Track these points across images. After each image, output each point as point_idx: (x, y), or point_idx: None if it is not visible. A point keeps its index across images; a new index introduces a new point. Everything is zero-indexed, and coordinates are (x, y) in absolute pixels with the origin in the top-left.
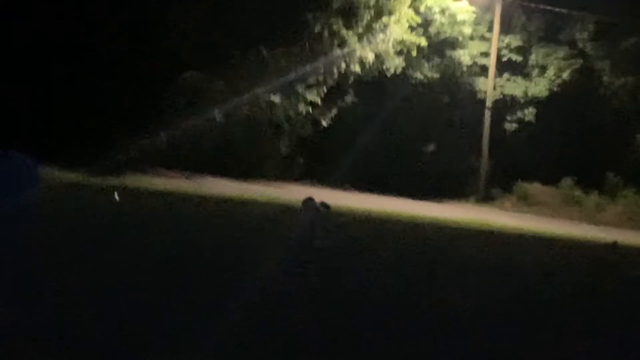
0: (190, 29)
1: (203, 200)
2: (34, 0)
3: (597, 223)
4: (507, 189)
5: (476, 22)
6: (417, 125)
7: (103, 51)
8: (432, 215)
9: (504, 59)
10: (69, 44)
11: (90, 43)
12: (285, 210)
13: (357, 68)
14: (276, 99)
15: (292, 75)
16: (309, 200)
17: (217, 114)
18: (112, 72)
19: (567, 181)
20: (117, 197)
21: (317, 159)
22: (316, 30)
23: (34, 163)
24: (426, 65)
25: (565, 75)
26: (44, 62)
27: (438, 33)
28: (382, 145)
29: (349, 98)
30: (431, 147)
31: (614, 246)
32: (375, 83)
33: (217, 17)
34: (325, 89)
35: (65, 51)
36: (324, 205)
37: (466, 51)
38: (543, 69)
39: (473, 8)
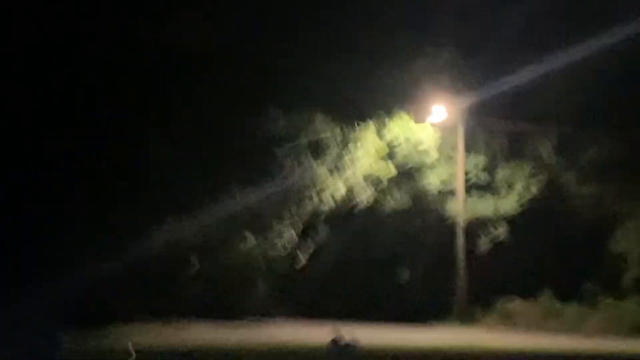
0: (163, 173)
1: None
2: None
3: (580, 333)
4: (486, 308)
5: (441, 144)
6: (390, 249)
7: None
8: (434, 343)
9: (471, 177)
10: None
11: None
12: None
13: (329, 199)
14: (252, 238)
15: (266, 213)
16: (337, 338)
17: (193, 260)
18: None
19: (546, 293)
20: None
21: (296, 295)
22: (287, 167)
23: (59, 330)
24: (395, 192)
25: (533, 188)
26: None
27: (404, 158)
28: (358, 273)
29: (323, 231)
30: (406, 271)
31: None
32: (346, 212)
33: (187, 158)
34: (300, 225)
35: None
36: (353, 342)
37: (434, 173)
38: (511, 184)
39: (436, 130)
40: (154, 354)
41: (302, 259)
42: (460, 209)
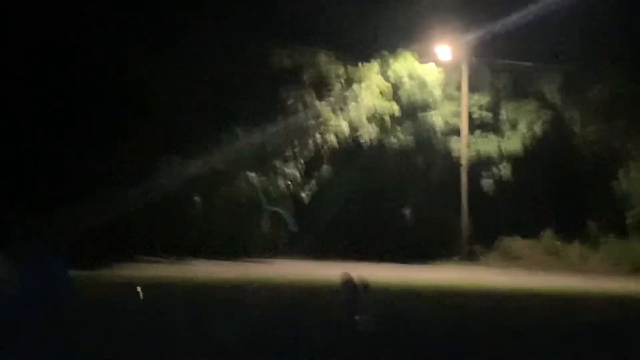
0: (165, 112)
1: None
2: None
3: (582, 273)
4: (489, 245)
5: (445, 83)
6: (395, 189)
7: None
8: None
9: (475, 116)
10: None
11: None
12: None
13: (332, 138)
14: (254, 175)
15: (268, 151)
16: (347, 278)
17: (195, 195)
18: (88, 159)
19: (548, 233)
20: (141, 295)
21: (300, 232)
22: (289, 104)
23: (65, 262)
24: (399, 129)
25: (537, 128)
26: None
27: (408, 97)
28: (363, 213)
29: (326, 168)
30: (410, 210)
31: None
32: (350, 152)
33: (190, 97)
34: (302, 163)
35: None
36: (364, 284)
37: (437, 112)
38: (514, 123)
39: (440, 70)
40: (160, 288)
41: (305, 196)
42: (464, 148)
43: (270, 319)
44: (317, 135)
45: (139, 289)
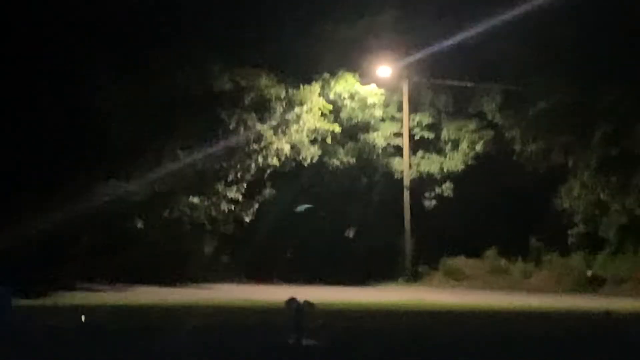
0: (106, 132)
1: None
2: None
3: (525, 290)
4: (433, 265)
5: (386, 104)
6: (338, 210)
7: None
8: (383, 300)
9: (417, 137)
10: None
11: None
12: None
13: (274, 161)
14: (196, 199)
15: (210, 174)
16: (292, 301)
17: (136, 220)
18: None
19: (491, 251)
20: (83, 318)
21: (243, 255)
22: (231, 127)
23: (7, 291)
24: (341, 150)
25: (478, 147)
26: None
27: (350, 118)
28: (306, 234)
29: (268, 191)
30: (353, 231)
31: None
32: (292, 173)
33: (132, 116)
34: (244, 185)
35: None
36: (308, 304)
37: (379, 133)
38: (456, 143)
39: (382, 90)
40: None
41: (247, 219)
42: (406, 168)
43: (218, 341)
44: (259, 158)
45: (83, 317)
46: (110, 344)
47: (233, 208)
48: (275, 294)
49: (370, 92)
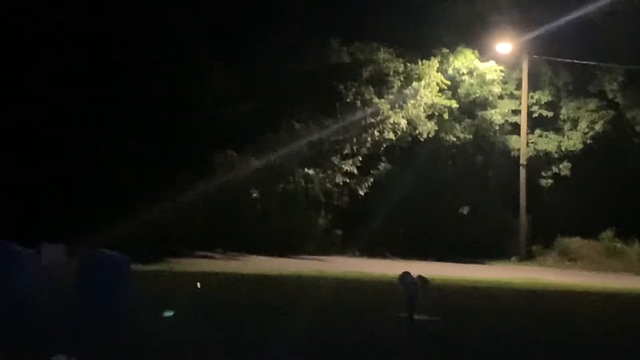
0: (224, 104)
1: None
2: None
3: None
4: (547, 245)
5: (504, 81)
6: (453, 187)
7: (138, 128)
8: (497, 278)
9: (535, 115)
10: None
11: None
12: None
13: (390, 135)
14: (311, 171)
15: (326, 147)
16: (406, 275)
17: (252, 190)
18: (142, 149)
19: (607, 233)
20: (199, 287)
21: (356, 229)
22: (348, 100)
23: (126, 258)
24: (458, 127)
25: (598, 127)
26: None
27: (467, 94)
28: (420, 210)
29: (383, 165)
30: (468, 209)
31: None
32: (408, 148)
33: (248, 91)
34: (360, 158)
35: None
36: (422, 279)
37: (497, 110)
38: (575, 122)
39: (500, 67)
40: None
41: (361, 192)
42: (524, 146)
43: (330, 313)
44: (375, 132)
45: (198, 285)
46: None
47: (348, 181)
48: (387, 268)
49: (489, 69)
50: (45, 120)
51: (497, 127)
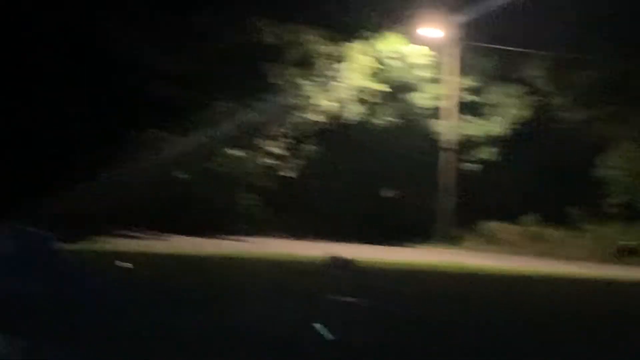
0: (149, 82)
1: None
2: None
3: (563, 258)
4: (471, 229)
5: (432, 65)
6: (379, 170)
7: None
8: (422, 261)
9: (461, 100)
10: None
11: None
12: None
13: (318, 117)
14: (238, 152)
15: (253, 128)
16: (335, 258)
17: (177, 170)
18: (65, 126)
19: (530, 218)
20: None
21: (281, 210)
22: (274, 82)
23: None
24: (385, 110)
25: (523, 112)
26: None
27: (395, 78)
28: (346, 192)
29: (311, 148)
30: (394, 192)
31: None
32: (335, 131)
33: (173, 70)
34: (287, 140)
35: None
36: (349, 261)
37: (424, 94)
38: (500, 108)
39: (429, 52)
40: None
41: (288, 174)
42: (449, 130)
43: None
44: (302, 114)
45: (122, 263)
46: (140, 288)
47: (274, 163)
48: (313, 250)
49: (417, 53)
50: None
51: (424, 111)
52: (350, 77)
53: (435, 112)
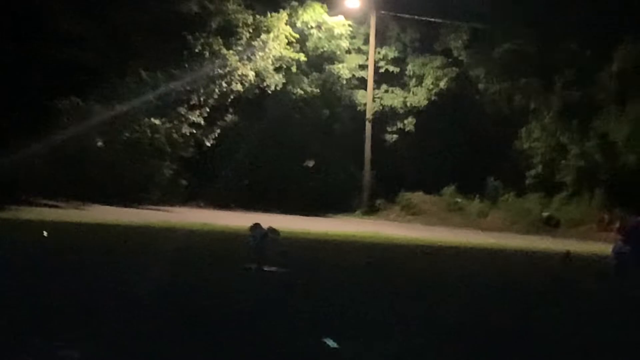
0: (69, 48)
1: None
2: None
3: (481, 229)
4: (391, 199)
5: (352, 36)
6: (299, 140)
7: None
8: (341, 231)
9: (381, 70)
10: None
11: None
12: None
13: (238, 87)
14: (157, 121)
15: (173, 97)
16: (256, 226)
17: (97, 139)
18: None
19: (449, 189)
20: (45, 233)
21: (201, 180)
22: (196, 51)
23: None
24: (305, 80)
25: (442, 84)
26: None
27: (316, 48)
28: (266, 162)
29: (230, 117)
30: (313, 162)
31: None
32: (256, 100)
33: (95, 38)
34: (207, 109)
35: None
36: (272, 230)
37: (344, 65)
38: (420, 78)
39: (349, 22)
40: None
41: (207, 143)
42: (370, 101)
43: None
44: (223, 83)
45: (45, 233)
46: (72, 260)
47: (194, 132)
48: (232, 220)
49: (338, 23)
50: None
51: (344, 82)
52: (272, 46)
53: (356, 83)
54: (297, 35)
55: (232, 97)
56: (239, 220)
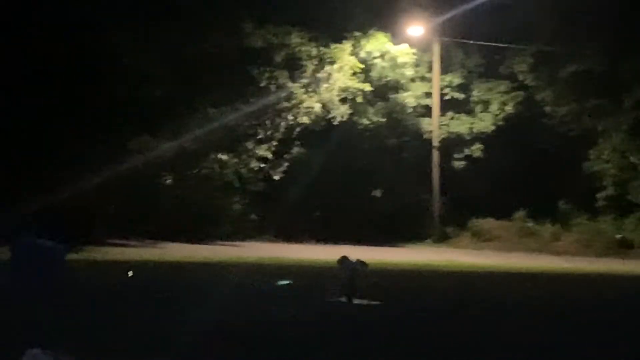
0: (138, 87)
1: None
2: None
3: (555, 253)
4: (461, 226)
5: (416, 64)
6: (367, 170)
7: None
8: (415, 260)
9: (447, 97)
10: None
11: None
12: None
13: (304, 119)
14: (225, 156)
15: (240, 131)
16: (345, 259)
17: (166, 176)
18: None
19: (519, 214)
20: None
21: (271, 213)
22: (262, 85)
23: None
24: (371, 110)
25: (509, 108)
26: None
27: (380, 77)
28: (334, 193)
29: (297, 149)
30: (382, 191)
31: None
32: (322, 131)
33: (161, 74)
34: (274, 143)
35: None
36: (361, 263)
37: (409, 93)
38: (486, 104)
39: (413, 50)
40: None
41: (276, 177)
42: (436, 128)
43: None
44: (289, 116)
45: (130, 273)
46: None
47: (262, 166)
48: (305, 252)
49: (402, 52)
50: None
51: (410, 110)
52: (337, 77)
53: (422, 110)
54: (362, 66)
55: (298, 129)
56: (311, 253)
